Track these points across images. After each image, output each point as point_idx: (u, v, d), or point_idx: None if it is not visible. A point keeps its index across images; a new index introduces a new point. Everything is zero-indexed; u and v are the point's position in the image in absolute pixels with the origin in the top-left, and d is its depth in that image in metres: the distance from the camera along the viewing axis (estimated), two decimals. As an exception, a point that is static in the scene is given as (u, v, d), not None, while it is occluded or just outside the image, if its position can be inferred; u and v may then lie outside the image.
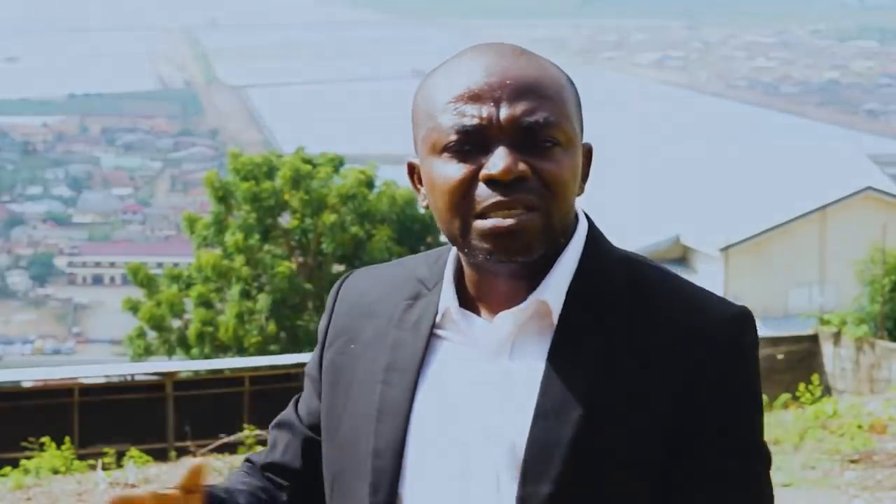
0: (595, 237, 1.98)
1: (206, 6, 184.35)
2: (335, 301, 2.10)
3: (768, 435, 12.67)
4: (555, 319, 1.92)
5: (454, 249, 1.98)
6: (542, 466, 1.86)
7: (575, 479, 1.86)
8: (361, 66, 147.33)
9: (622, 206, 32.95)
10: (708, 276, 30.42)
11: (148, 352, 25.03)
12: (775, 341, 23.10)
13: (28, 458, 13.72)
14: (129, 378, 19.92)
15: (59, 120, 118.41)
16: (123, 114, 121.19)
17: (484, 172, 1.87)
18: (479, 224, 1.88)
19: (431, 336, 1.97)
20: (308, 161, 25.95)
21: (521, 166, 1.87)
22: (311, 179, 25.44)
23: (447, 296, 1.96)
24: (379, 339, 2.01)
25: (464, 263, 1.97)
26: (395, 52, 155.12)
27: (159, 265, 31.21)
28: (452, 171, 1.89)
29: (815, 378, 18.36)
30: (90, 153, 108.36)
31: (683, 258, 31.78)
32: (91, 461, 13.78)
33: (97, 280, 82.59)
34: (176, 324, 25.27)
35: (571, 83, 1.97)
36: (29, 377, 20.35)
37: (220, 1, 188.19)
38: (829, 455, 11.59)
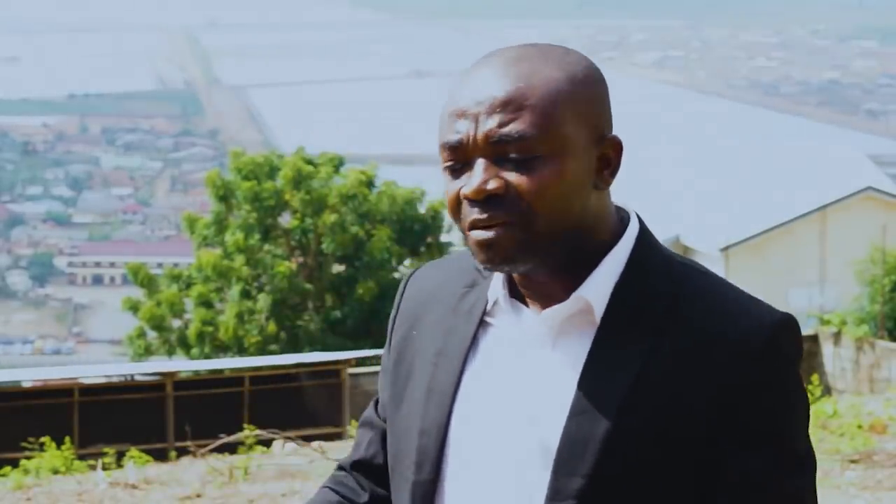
0: (644, 238, 2.01)
1: (206, 6, 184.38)
2: (402, 294, 2.16)
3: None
4: (597, 318, 1.95)
5: None
6: (575, 461, 1.90)
7: (605, 476, 1.89)
8: (361, 66, 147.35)
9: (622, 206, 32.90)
10: (708, 276, 30.39)
11: (148, 352, 25.03)
12: (775, 341, 23.09)
13: (28, 458, 13.73)
14: (129, 378, 19.93)
15: (59, 120, 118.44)
16: (123, 114, 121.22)
17: (462, 191, 1.92)
18: (470, 236, 1.93)
19: (482, 323, 2.02)
20: (309, 161, 25.95)
21: (493, 184, 1.89)
22: (312, 179, 25.45)
23: (497, 285, 2.01)
24: (437, 325, 2.06)
25: None
26: (395, 52, 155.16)
27: (159, 265, 31.23)
28: (448, 188, 1.95)
29: (815, 378, 18.36)
30: (90, 153, 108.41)
31: (683, 258, 31.75)
32: (91, 461, 13.79)
33: (97, 280, 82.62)
34: (176, 324, 25.27)
35: (578, 82, 1.95)
36: (29, 377, 20.37)
37: (220, 1, 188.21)
38: (829, 455, 11.58)
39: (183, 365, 22.22)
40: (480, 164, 1.90)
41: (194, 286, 25.10)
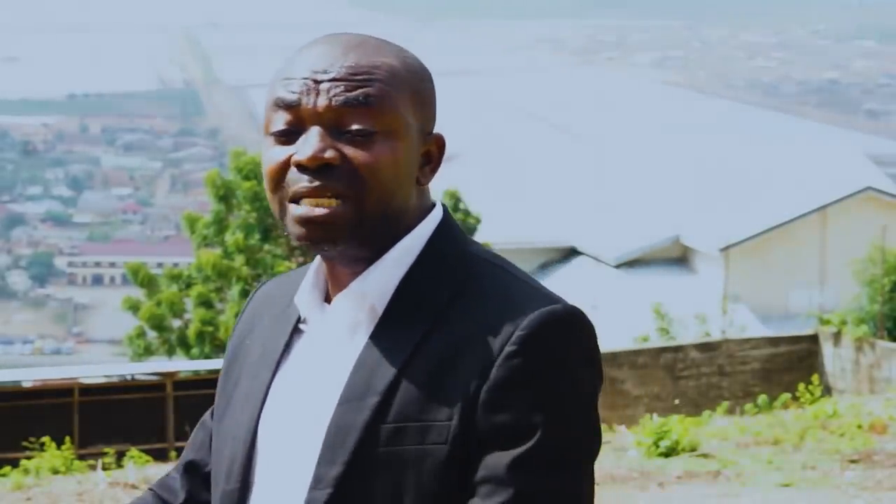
0: (444, 230, 1.98)
1: (206, 6, 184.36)
2: (247, 304, 2.17)
3: (769, 435, 12.68)
4: (379, 310, 1.94)
5: None
6: (336, 449, 1.89)
7: (361, 463, 1.88)
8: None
9: (622, 206, 32.94)
10: (708, 276, 30.43)
11: (148, 352, 25.02)
12: (775, 341, 23.10)
13: (28, 458, 13.74)
14: (129, 378, 19.92)
15: (59, 120, 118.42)
16: (123, 114, 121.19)
17: (294, 157, 1.89)
18: (292, 209, 1.90)
19: (296, 329, 2.02)
20: (308, 161, 25.96)
21: (329, 153, 1.88)
22: (311, 179, 25.46)
23: (303, 289, 2.00)
24: (263, 334, 2.06)
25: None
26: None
27: (159, 265, 31.22)
28: (273, 153, 1.92)
29: (815, 378, 18.39)
30: (90, 153, 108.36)
31: (683, 258, 31.78)
32: (91, 461, 13.79)
33: (97, 280, 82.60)
34: (176, 324, 25.26)
35: (416, 74, 1.95)
36: (29, 377, 20.36)
37: (220, 1, 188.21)
38: (829, 455, 11.59)
39: (183, 365, 22.20)
40: (316, 131, 1.89)
41: (194, 286, 25.09)
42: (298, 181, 1.89)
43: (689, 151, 37.91)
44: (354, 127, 1.88)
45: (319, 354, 1.97)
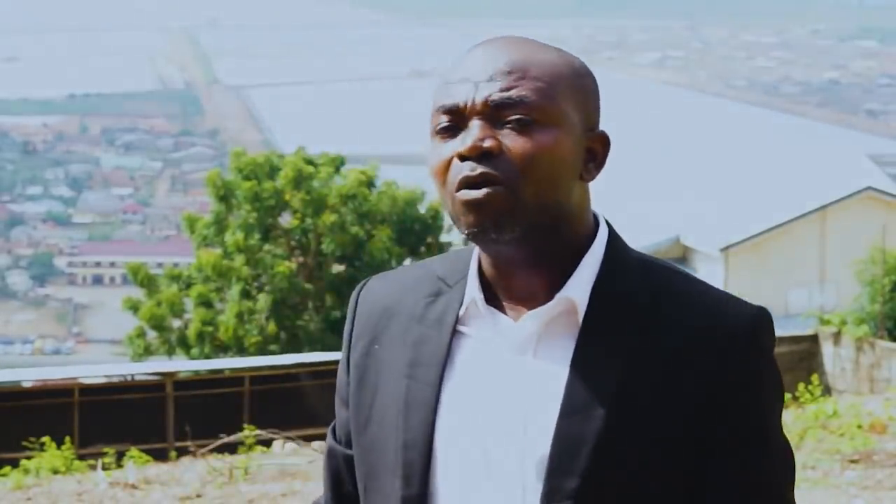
0: (615, 239, 2.01)
1: (206, 6, 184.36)
2: (356, 306, 2.12)
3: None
4: (580, 319, 1.94)
5: (476, 247, 2.00)
6: (568, 462, 1.88)
7: (600, 476, 1.88)
8: (361, 66, 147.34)
9: (622, 206, 32.95)
10: (708, 276, 30.42)
11: (148, 352, 25.02)
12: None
13: (28, 458, 13.74)
14: (129, 378, 19.91)
15: (59, 120, 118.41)
16: (123, 114, 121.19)
17: (456, 149, 1.92)
18: (455, 197, 1.91)
19: (455, 332, 1.99)
20: (309, 161, 25.95)
21: (489, 142, 1.90)
22: (312, 179, 25.44)
23: (472, 290, 1.98)
24: (401, 336, 2.02)
25: (482, 259, 2.00)
26: (395, 52, 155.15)
27: (159, 265, 31.21)
28: (439, 150, 1.95)
29: (814, 378, 18.36)
30: (90, 153, 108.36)
31: (683, 258, 31.78)
32: (91, 461, 13.79)
33: (97, 280, 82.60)
34: (176, 324, 25.26)
35: (576, 70, 1.98)
36: (29, 377, 20.35)
37: (220, 1, 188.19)
38: (829, 455, 11.59)
39: (183, 365, 22.19)
40: (477, 123, 1.91)
41: (194, 286, 25.09)
42: (461, 171, 1.90)
43: (689, 151, 37.92)
44: (513, 117, 1.90)
45: (503, 364, 1.94)
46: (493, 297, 1.98)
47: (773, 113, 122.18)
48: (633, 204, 32.83)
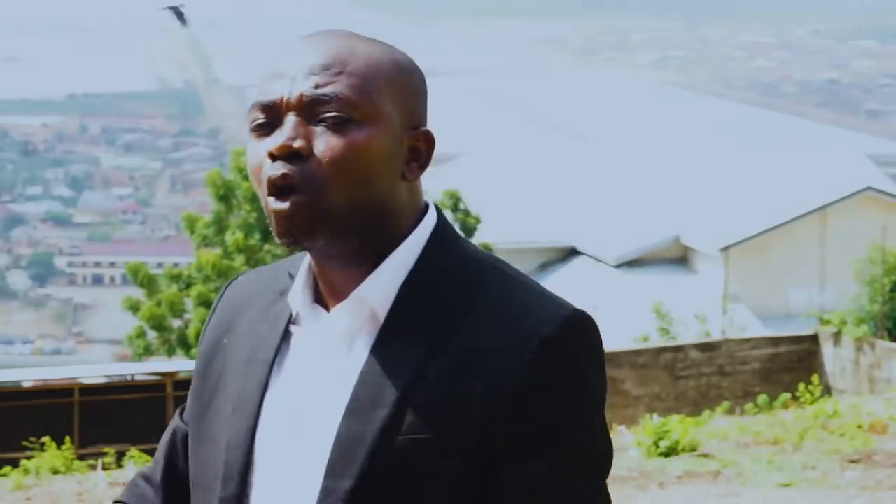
0: (440, 233, 1.95)
1: (206, 6, 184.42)
2: (219, 300, 2.11)
3: (769, 435, 12.68)
4: (381, 317, 1.90)
5: None
6: (346, 461, 1.85)
7: (375, 476, 1.84)
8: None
9: (622, 206, 32.93)
10: (708, 276, 30.43)
11: (148, 352, 25.02)
12: (775, 341, 23.10)
13: (28, 458, 13.74)
14: (129, 378, 19.92)
15: (59, 120, 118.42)
16: (123, 114, 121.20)
17: (266, 148, 1.88)
18: (267, 203, 1.88)
19: (286, 331, 1.97)
20: (308, 161, 25.96)
21: (299, 143, 1.85)
22: (312, 179, 25.46)
23: (296, 290, 1.97)
24: (247, 333, 2.01)
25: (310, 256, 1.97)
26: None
27: (159, 265, 31.20)
28: (254, 148, 1.91)
29: (815, 378, 18.38)
30: (90, 153, 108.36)
31: (683, 258, 31.78)
32: (91, 461, 13.79)
33: (97, 280, 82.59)
34: (176, 324, 25.26)
35: (400, 66, 1.93)
36: (29, 377, 20.36)
37: (220, 1, 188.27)
38: (829, 455, 11.59)
39: (183, 365, 22.20)
40: (291, 120, 1.87)
41: (194, 286, 25.09)
42: (269, 171, 1.86)
43: (689, 151, 37.91)
44: (327, 114, 1.86)
45: (318, 362, 1.93)
46: (320, 295, 1.97)
47: (773, 113, 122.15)
48: (632, 204, 32.81)
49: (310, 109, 1.87)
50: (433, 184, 28.08)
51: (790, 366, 22.64)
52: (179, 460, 2.11)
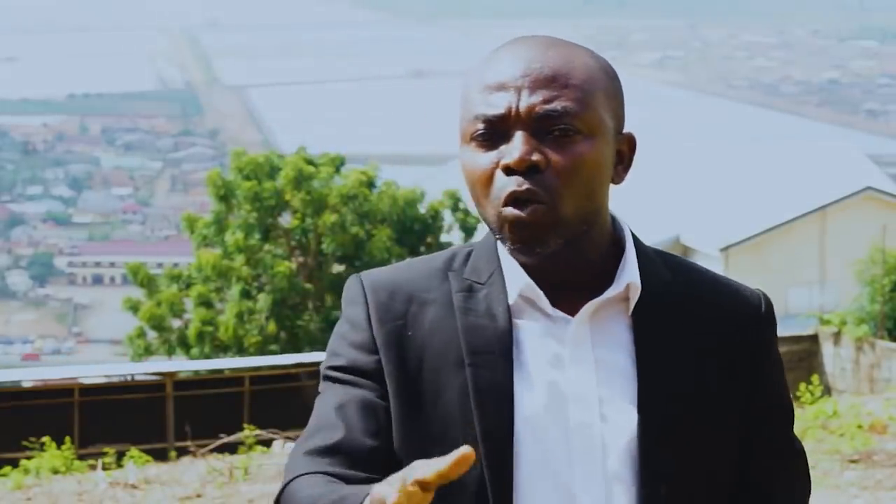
0: (634, 234, 2.06)
1: (206, 6, 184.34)
2: (363, 293, 2.05)
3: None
4: (631, 306, 1.99)
5: (498, 244, 2.01)
6: (658, 448, 1.94)
7: (690, 466, 1.96)
8: (361, 66, 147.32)
9: (622, 206, 32.91)
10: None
11: (148, 352, 25.02)
12: (775, 341, 23.09)
13: (28, 458, 13.74)
14: (129, 378, 19.92)
15: (59, 120, 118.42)
16: (123, 114, 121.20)
17: (502, 162, 1.92)
18: (501, 213, 1.93)
19: (510, 322, 1.98)
20: (310, 161, 25.95)
21: (536, 156, 1.91)
22: (313, 179, 25.44)
23: (518, 285, 1.98)
24: (439, 325, 1.99)
25: (516, 258, 2.00)
26: (395, 52, 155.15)
27: (159, 265, 31.21)
28: (478, 159, 1.95)
29: (815, 378, 18.37)
30: (90, 153, 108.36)
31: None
32: (91, 461, 13.79)
33: (97, 280, 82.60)
34: (176, 324, 25.26)
35: (608, 73, 2.00)
36: (29, 377, 20.36)
37: (220, 1, 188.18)
38: (829, 455, 11.59)
39: (183, 365, 22.21)
40: (521, 135, 1.92)
41: (194, 286, 25.09)
42: (507, 185, 1.91)
43: (689, 151, 37.91)
44: (557, 128, 1.92)
45: (566, 352, 1.97)
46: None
47: (773, 113, 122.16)
48: (633, 204, 32.79)
49: (539, 123, 1.92)
50: (433, 184, 28.09)
51: (790, 366, 22.65)
52: (382, 431, 1.99)
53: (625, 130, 2.02)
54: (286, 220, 25.63)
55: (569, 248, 1.95)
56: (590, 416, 1.94)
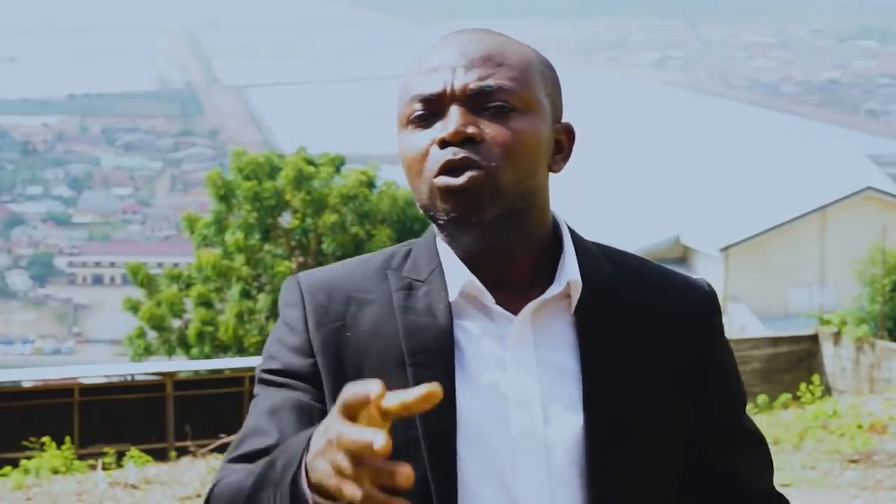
0: (572, 229, 2.04)
1: (206, 6, 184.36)
2: (300, 293, 2.06)
3: (769, 435, 12.70)
4: (573, 303, 1.97)
5: (439, 241, 1.99)
6: (605, 454, 1.92)
7: (637, 464, 1.94)
8: (361, 66, 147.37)
9: (622, 206, 32.94)
10: (708, 276, 30.35)
11: (148, 352, 25.02)
12: (775, 341, 23.09)
13: (28, 458, 13.74)
14: (129, 378, 19.91)
15: (59, 120, 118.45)
16: (123, 114, 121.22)
17: (437, 136, 1.92)
18: (435, 182, 1.91)
19: (451, 321, 1.97)
20: (310, 161, 25.95)
21: (472, 129, 1.91)
22: (313, 179, 25.45)
23: (459, 281, 1.96)
24: (381, 326, 1.98)
25: (454, 253, 1.98)
26: (395, 52, 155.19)
27: (159, 265, 31.21)
28: (415, 139, 1.95)
29: (815, 378, 18.37)
30: (90, 153, 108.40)
31: (683, 258, 31.77)
32: (91, 461, 13.79)
33: (97, 280, 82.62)
34: (176, 324, 25.26)
35: (544, 62, 2.01)
36: (29, 377, 20.35)
37: (220, 1, 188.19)
38: (829, 455, 11.59)
39: (183, 365, 22.20)
40: (457, 109, 1.93)
41: (194, 286, 25.09)
42: (442, 156, 1.91)
43: (689, 151, 37.91)
44: (493, 105, 1.93)
45: (507, 350, 1.94)
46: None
47: (773, 113, 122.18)
48: (633, 204, 32.81)
49: (474, 100, 1.93)
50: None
51: (790, 366, 22.64)
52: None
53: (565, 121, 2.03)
54: (286, 220, 25.64)
55: (506, 225, 1.92)
56: (531, 419, 1.92)
